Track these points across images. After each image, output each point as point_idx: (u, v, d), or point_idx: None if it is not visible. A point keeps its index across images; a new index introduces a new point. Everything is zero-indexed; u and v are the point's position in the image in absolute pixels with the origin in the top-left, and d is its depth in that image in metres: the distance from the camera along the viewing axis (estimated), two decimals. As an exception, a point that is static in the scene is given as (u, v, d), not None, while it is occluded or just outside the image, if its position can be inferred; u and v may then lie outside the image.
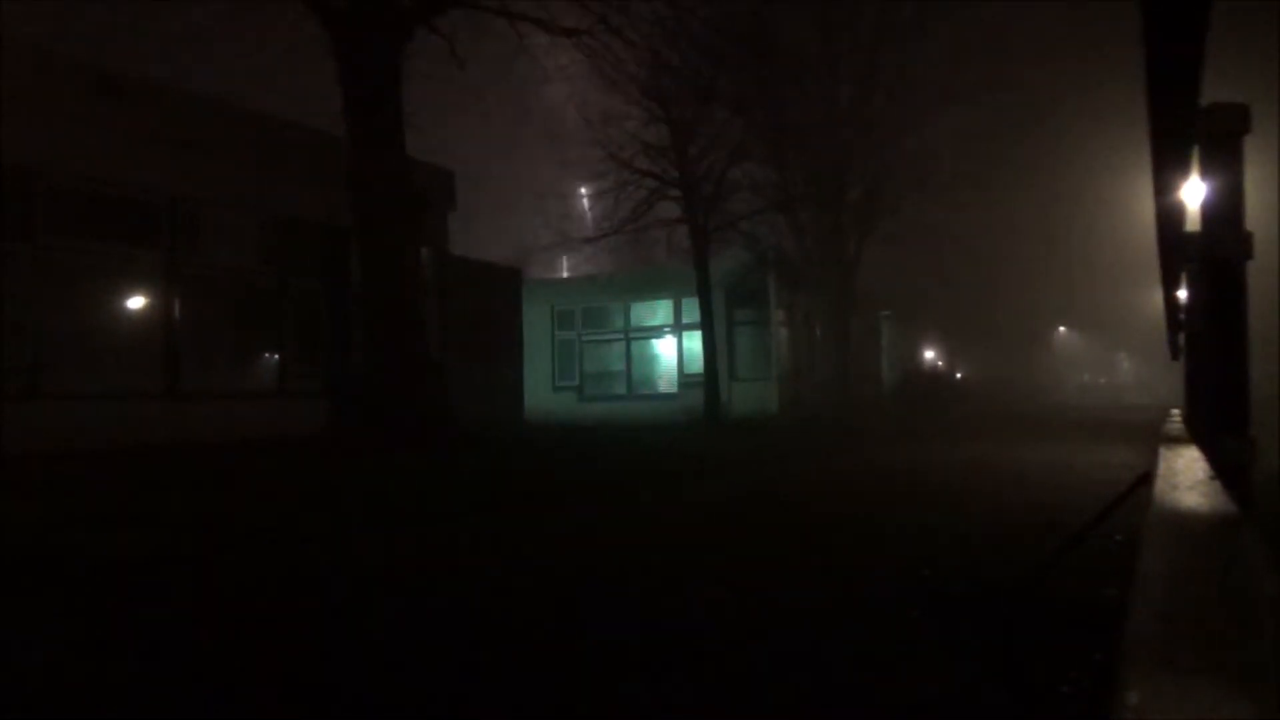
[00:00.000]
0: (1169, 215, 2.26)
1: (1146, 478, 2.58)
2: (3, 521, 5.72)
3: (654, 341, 25.14)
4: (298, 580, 4.53)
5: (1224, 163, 1.94)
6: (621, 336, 25.16)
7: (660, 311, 24.88)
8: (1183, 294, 3.23)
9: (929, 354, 44.00)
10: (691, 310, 20.72)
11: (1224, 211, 1.94)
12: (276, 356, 12.86)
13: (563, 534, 6.04)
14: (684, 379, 23.58)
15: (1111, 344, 61.96)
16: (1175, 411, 4.31)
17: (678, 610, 3.81)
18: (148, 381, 10.83)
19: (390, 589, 4.31)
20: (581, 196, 20.80)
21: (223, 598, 4.15)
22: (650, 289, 24.44)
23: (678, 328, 24.26)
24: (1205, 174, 1.98)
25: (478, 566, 4.90)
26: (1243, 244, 1.95)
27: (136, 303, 11.35)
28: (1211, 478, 1.40)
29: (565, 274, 30.47)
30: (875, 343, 33.22)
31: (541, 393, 22.93)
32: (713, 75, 16.41)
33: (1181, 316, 3.36)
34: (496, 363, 16.43)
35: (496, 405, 15.67)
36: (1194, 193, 2.12)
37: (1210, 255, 1.98)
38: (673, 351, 24.56)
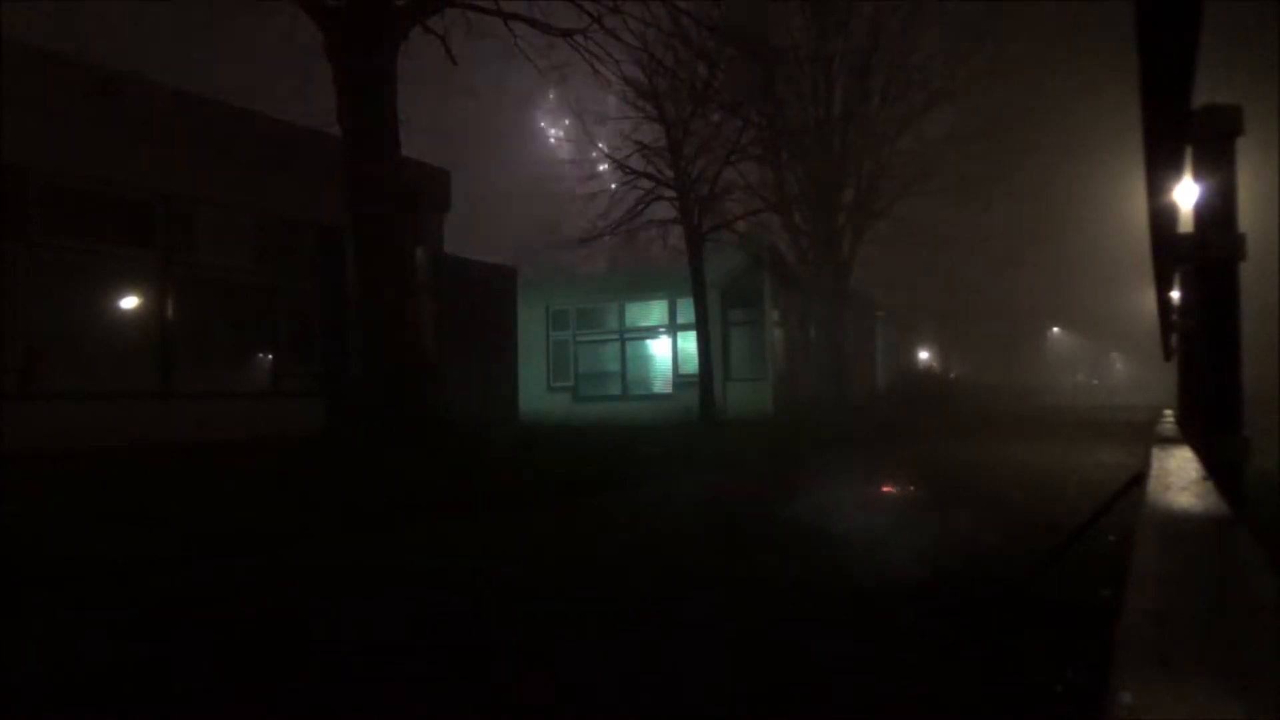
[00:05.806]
0: (1162, 216, 2.27)
1: (1140, 478, 2.59)
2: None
3: (649, 342, 25.11)
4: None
5: (1217, 164, 1.95)
6: (617, 337, 25.14)
7: (655, 312, 24.86)
8: (1176, 295, 3.24)
9: (923, 354, 44.09)
10: (687, 311, 20.71)
11: (1217, 213, 1.94)
12: (271, 356, 12.82)
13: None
14: (679, 379, 23.55)
15: (1105, 345, 62.15)
16: (1168, 412, 4.32)
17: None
18: (142, 381, 10.79)
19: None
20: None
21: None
22: (645, 289, 24.42)
23: (673, 328, 24.23)
24: (1198, 175, 1.98)
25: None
26: (1236, 245, 1.96)
27: (130, 302, 11.30)
28: (1204, 478, 1.41)
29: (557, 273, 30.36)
30: (870, 343, 33.30)
31: (536, 393, 22.87)
32: (708, 76, 16.40)
33: (1175, 317, 3.38)
34: (491, 363, 16.40)
35: (491, 406, 15.64)
36: (1187, 194, 2.13)
37: (1203, 256, 1.98)
38: (668, 352, 24.53)
